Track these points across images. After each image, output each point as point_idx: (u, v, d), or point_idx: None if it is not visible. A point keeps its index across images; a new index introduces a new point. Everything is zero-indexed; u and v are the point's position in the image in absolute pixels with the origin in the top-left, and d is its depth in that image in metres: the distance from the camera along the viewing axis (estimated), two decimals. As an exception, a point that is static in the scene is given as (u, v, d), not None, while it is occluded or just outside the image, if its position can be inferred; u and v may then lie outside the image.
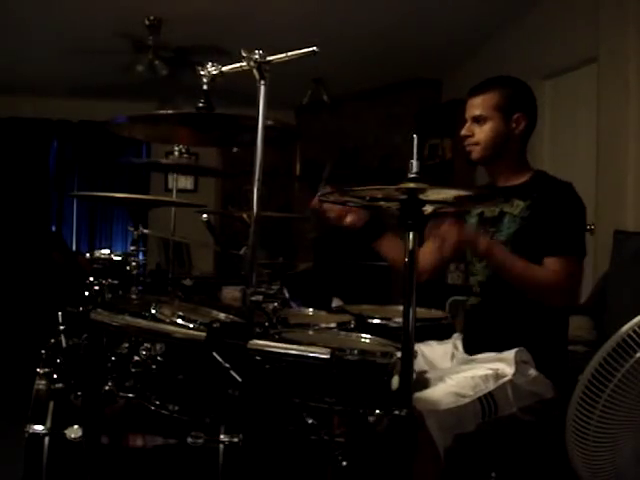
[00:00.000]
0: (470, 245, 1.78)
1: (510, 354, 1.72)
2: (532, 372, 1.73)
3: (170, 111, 1.64)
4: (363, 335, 1.63)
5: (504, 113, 1.91)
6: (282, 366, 1.35)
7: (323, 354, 1.21)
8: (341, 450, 1.31)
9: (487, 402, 1.63)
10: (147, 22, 4.71)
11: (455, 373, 1.73)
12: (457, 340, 2.06)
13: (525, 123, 1.93)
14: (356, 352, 1.37)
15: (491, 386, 1.65)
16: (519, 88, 1.98)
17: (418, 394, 1.58)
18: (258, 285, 1.41)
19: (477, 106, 1.93)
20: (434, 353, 2.00)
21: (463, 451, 1.58)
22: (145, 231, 2.03)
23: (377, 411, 1.30)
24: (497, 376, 1.67)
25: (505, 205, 1.91)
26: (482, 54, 5.14)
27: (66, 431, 1.37)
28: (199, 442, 1.29)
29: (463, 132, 1.97)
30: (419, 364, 1.87)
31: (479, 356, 1.85)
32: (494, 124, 1.92)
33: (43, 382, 1.53)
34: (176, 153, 2.44)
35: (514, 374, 1.67)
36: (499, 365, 1.70)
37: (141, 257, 2.00)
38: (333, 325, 1.78)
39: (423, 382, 1.71)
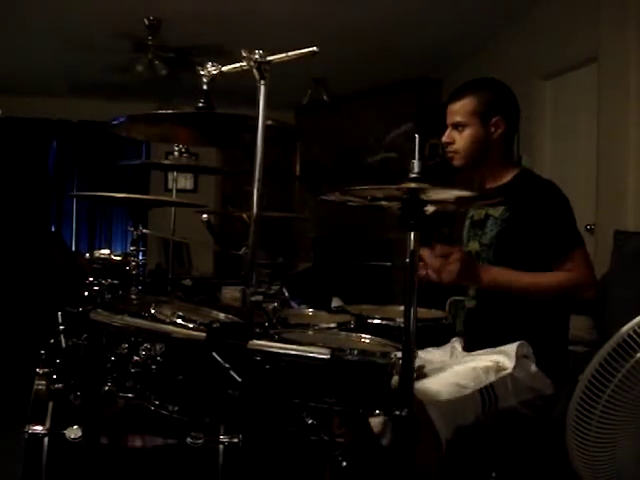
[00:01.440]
0: (470, 282, 1.76)
1: (512, 347, 1.73)
2: (532, 368, 1.74)
3: (170, 111, 1.64)
4: (363, 335, 1.63)
5: (481, 118, 1.91)
6: (282, 366, 1.34)
7: (323, 354, 1.21)
8: (341, 450, 1.31)
9: (487, 393, 1.64)
10: (147, 22, 4.71)
11: (456, 365, 1.74)
12: (455, 343, 2.06)
13: (504, 126, 1.92)
14: (356, 352, 1.37)
15: (492, 378, 1.65)
16: (496, 91, 1.96)
17: (418, 384, 1.58)
18: (258, 285, 1.41)
19: (456, 112, 1.93)
20: (433, 356, 2.00)
21: (463, 444, 1.58)
22: (145, 231, 2.02)
23: (377, 411, 1.30)
24: (498, 368, 1.68)
25: (489, 208, 1.91)
26: (482, 54, 5.14)
27: (66, 431, 1.37)
28: (199, 442, 1.29)
29: (443, 139, 1.97)
30: (417, 362, 1.86)
31: (480, 351, 1.85)
32: (472, 131, 1.91)
33: (43, 382, 1.52)
34: (176, 153, 2.44)
35: (514, 367, 1.68)
36: (500, 358, 1.71)
37: (141, 257, 1.99)
38: (333, 325, 1.78)
39: (422, 374, 1.71)
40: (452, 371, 1.68)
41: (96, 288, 1.78)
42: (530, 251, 1.82)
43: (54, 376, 1.53)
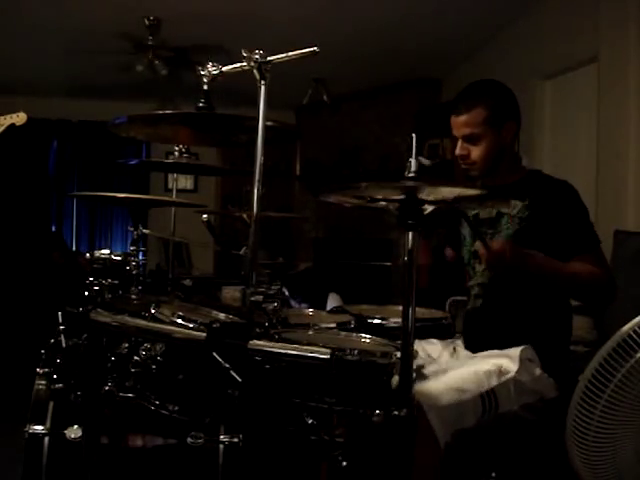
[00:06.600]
0: (517, 265, 1.74)
1: (516, 351, 1.71)
2: (537, 371, 1.72)
3: (170, 111, 1.64)
4: (363, 335, 1.63)
5: (495, 126, 1.87)
6: (282, 366, 1.35)
7: (323, 354, 1.21)
8: (341, 450, 1.31)
9: (488, 398, 1.63)
10: (147, 22, 4.72)
11: (458, 367, 1.71)
12: (458, 340, 2.05)
13: (514, 128, 1.91)
14: (356, 352, 1.37)
15: (494, 382, 1.63)
16: (502, 95, 1.92)
17: (419, 386, 1.57)
18: (258, 285, 1.41)
19: (466, 124, 1.87)
20: (435, 348, 1.99)
21: (462, 447, 1.58)
22: (145, 231, 2.03)
23: (377, 411, 1.30)
24: (500, 372, 1.65)
25: (502, 206, 1.89)
26: (482, 54, 5.14)
27: (66, 431, 1.37)
28: (199, 442, 1.29)
29: (458, 152, 1.91)
30: (418, 359, 1.85)
31: (483, 353, 1.84)
32: (488, 140, 1.87)
33: (43, 382, 1.53)
34: (176, 153, 2.43)
35: (518, 371, 1.66)
36: (503, 361, 1.68)
37: (141, 257, 2.00)
38: (333, 325, 1.78)
39: (423, 374, 1.70)
40: (453, 375, 1.64)
41: (96, 288, 1.78)
42: (551, 250, 1.80)
43: (54, 376, 1.54)
